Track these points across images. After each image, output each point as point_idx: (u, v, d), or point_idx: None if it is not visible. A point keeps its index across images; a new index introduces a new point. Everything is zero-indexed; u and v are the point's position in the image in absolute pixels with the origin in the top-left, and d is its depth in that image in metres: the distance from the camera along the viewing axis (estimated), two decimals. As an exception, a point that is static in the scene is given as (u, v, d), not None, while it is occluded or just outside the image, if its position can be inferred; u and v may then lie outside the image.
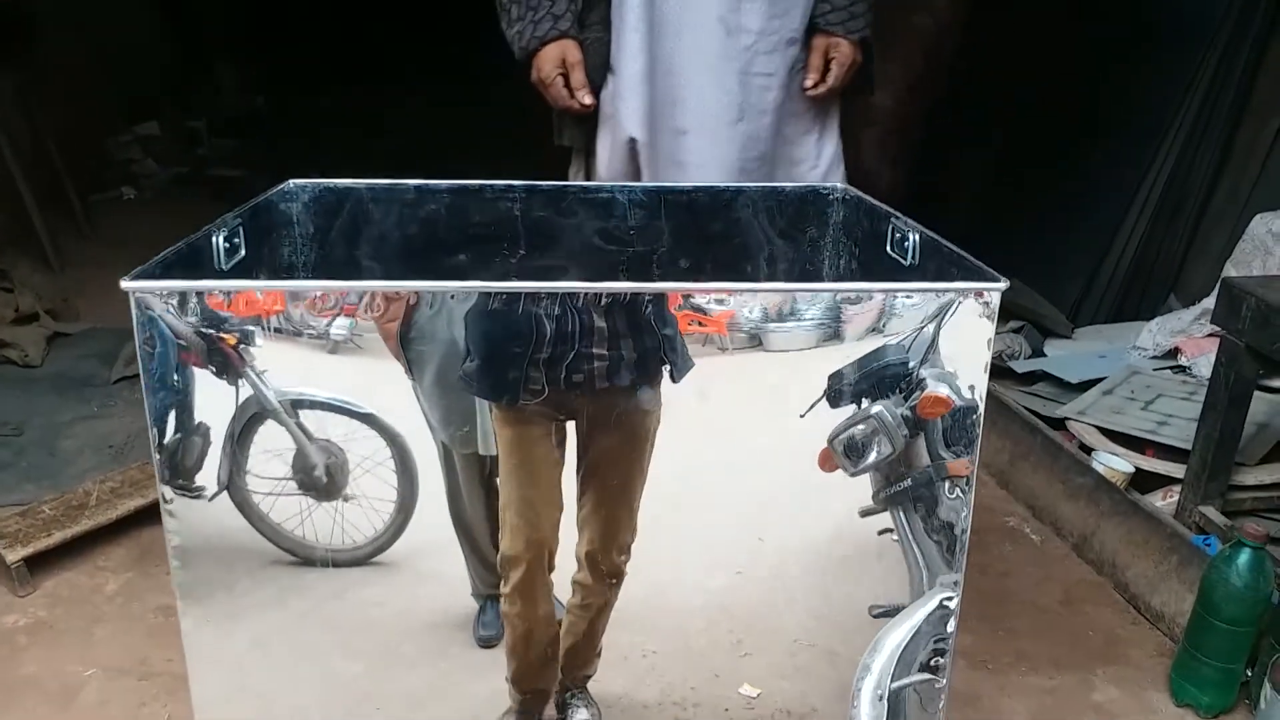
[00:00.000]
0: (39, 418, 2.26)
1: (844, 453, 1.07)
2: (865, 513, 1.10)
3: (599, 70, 1.67)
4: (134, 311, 0.89)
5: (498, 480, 0.99)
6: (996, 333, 2.09)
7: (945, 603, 1.10)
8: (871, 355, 0.96)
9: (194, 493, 0.96)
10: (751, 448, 1.01)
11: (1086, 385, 2.30)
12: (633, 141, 1.66)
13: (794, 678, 1.13)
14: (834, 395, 1.01)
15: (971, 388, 0.96)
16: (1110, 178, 2.71)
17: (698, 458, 1.00)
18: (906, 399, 1.00)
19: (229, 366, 0.92)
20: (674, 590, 1.06)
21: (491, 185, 1.36)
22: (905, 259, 1.13)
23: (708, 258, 1.42)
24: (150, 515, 1.79)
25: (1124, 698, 1.51)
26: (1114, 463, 1.87)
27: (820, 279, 1.40)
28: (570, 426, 0.98)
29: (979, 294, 0.91)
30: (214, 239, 1.06)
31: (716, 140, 1.65)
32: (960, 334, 0.94)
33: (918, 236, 1.12)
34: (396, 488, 0.98)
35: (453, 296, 0.90)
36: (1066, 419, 2.13)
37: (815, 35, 1.65)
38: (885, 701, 1.14)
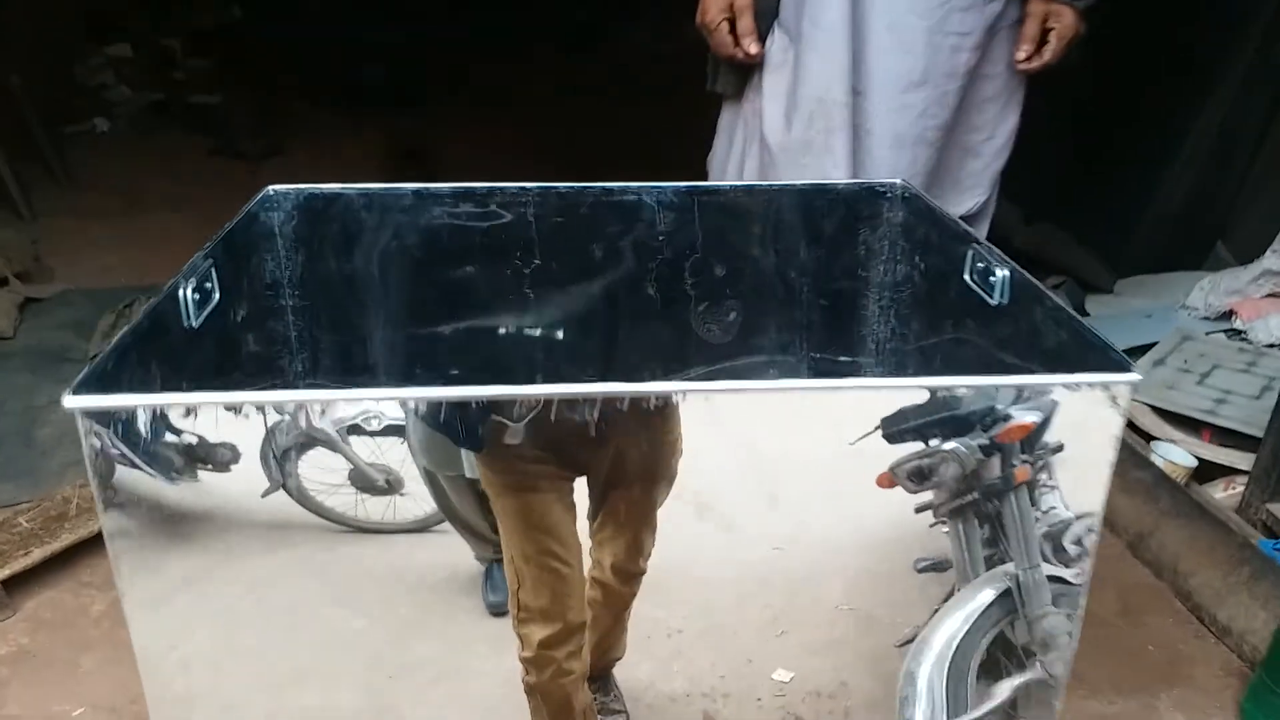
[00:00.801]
0: (14, 400, 2.11)
1: (907, 478, 0.94)
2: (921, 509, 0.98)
3: (766, 17, 1.49)
4: (80, 430, 0.72)
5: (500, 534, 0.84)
6: None
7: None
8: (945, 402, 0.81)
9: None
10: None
11: (1133, 352, 2.15)
12: (820, 102, 1.46)
13: (826, 652, 1.03)
14: (894, 435, 0.87)
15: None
16: (1158, 121, 2.51)
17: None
18: (987, 430, 0.85)
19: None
20: (701, 566, 0.92)
21: (501, 188, 1.19)
22: (991, 297, 0.97)
23: (746, 265, 1.25)
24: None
25: (1191, 727, 1.41)
26: (1174, 455, 1.73)
27: (873, 293, 1.24)
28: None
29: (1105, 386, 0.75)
30: (181, 292, 0.89)
31: (892, 107, 1.46)
32: (1076, 427, 0.78)
33: (1008, 274, 0.95)
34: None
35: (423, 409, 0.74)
36: (1116, 395, 1.99)
37: None
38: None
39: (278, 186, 1.16)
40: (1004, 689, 0.97)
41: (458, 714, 0.91)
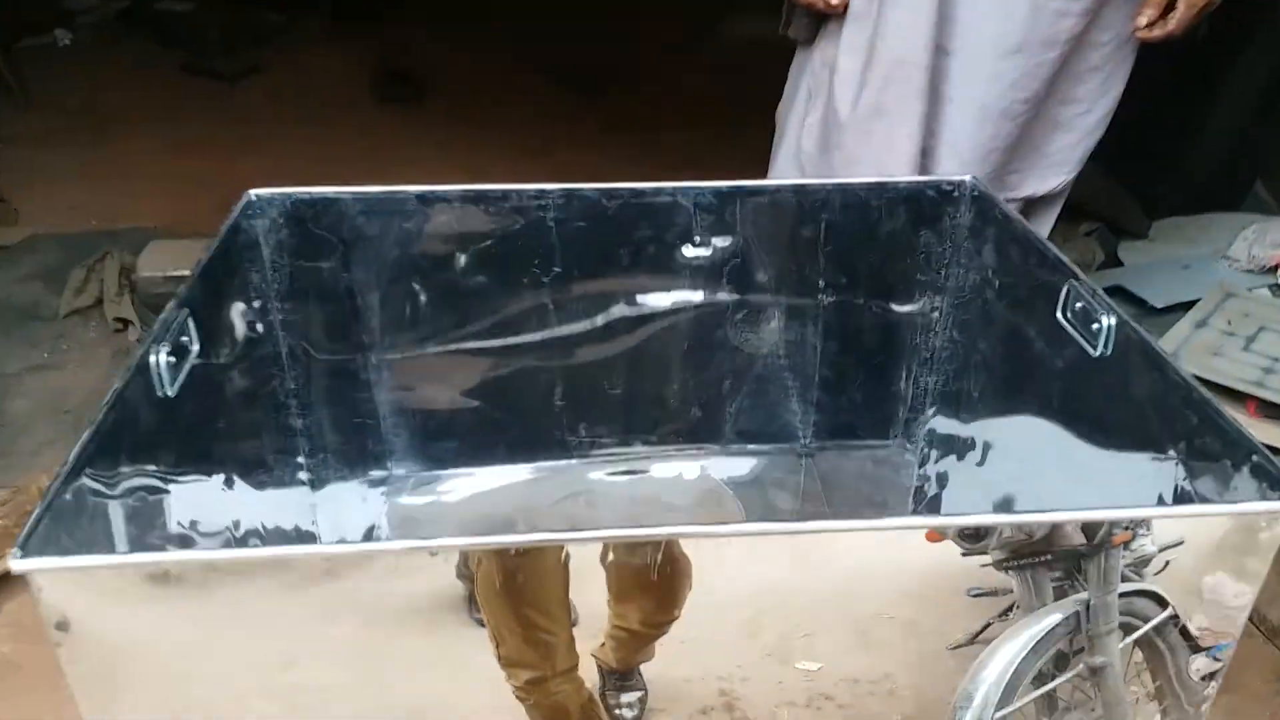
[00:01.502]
0: (-19, 366, 1.97)
1: (960, 535, 0.84)
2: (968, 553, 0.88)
3: None
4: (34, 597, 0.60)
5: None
6: (1064, 239, 1.78)
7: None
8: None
9: None
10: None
11: (1171, 310, 2.03)
12: (899, 64, 1.29)
13: (860, 651, 0.96)
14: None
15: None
16: (1201, 57, 2.33)
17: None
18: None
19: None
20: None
21: (518, 190, 1.04)
22: (1093, 347, 0.84)
23: (791, 269, 1.12)
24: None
25: (1240, 740, 1.35)
26: (1225, 439, 1.63)
27: (936, 303, 1.11)
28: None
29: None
30: (153, 359, 0.76)
31: (981, 74, 1.29)
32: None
33: (1113, 322, 0.82)
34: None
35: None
36: (1157, 363, 1.87)
37: None
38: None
39: (261, 191, 1.01)
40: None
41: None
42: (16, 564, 0.56)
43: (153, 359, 0.76)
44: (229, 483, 0.92)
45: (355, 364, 1.10)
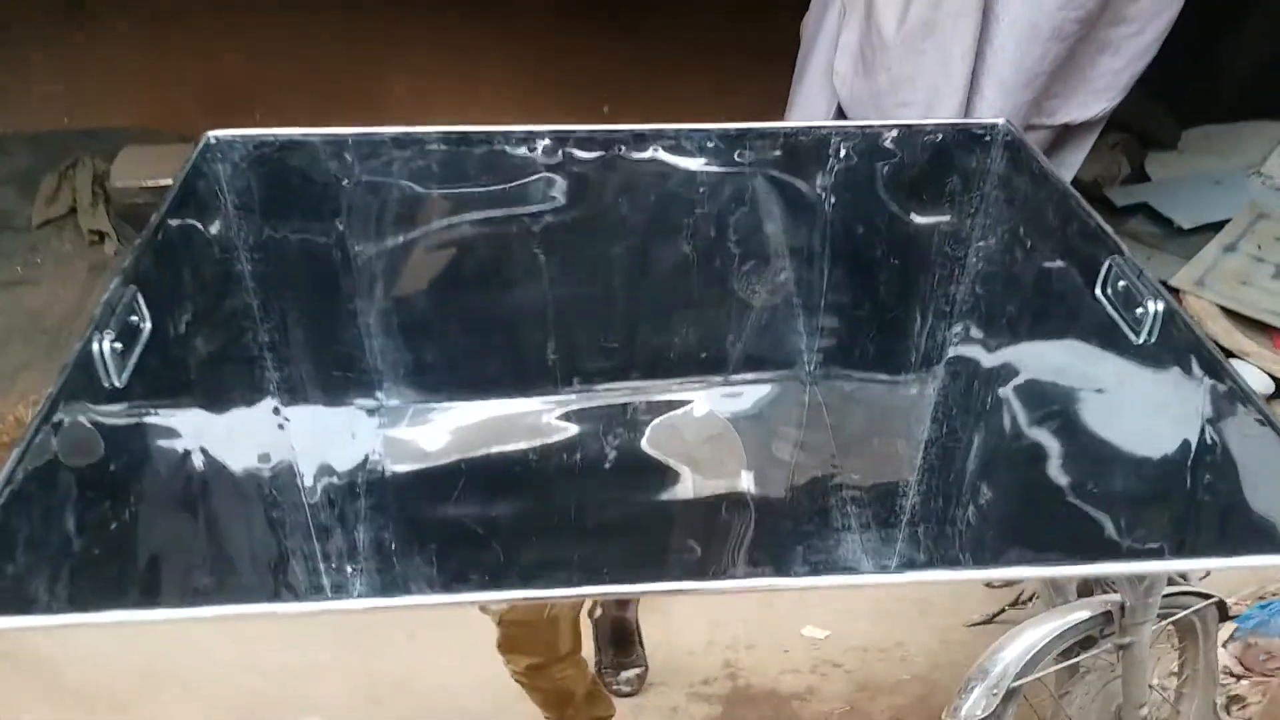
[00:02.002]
0: (-47, 280, 1.89)
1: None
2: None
3: None
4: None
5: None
6: (1091, 152, 1.68)
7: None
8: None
9: None
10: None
11: (1199, 230, 1.93)
12: None
13: (876, 619, 0.94)
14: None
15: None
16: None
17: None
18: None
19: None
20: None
21: (503, 132, 0.95)
22: (1135, 333, 0.76)
23: (802, 221, 1.03)
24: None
25: None
26: (1248, 379, 1.56)
27: (959, 253, 1.02)
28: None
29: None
30: (96, 347, 0.68)
31: None
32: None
33: (1160, 309, 0.74)
34: None
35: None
36: (1182, 291, 1.79)
37: None
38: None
39: (220, 133, 0.92)
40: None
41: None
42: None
43: (95, 348, 0.68)
44: (204, 451, 0.85)
45: (337, 310, 1.02)
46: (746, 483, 1.23)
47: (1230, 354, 1.64)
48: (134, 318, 0.73)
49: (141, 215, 1.87)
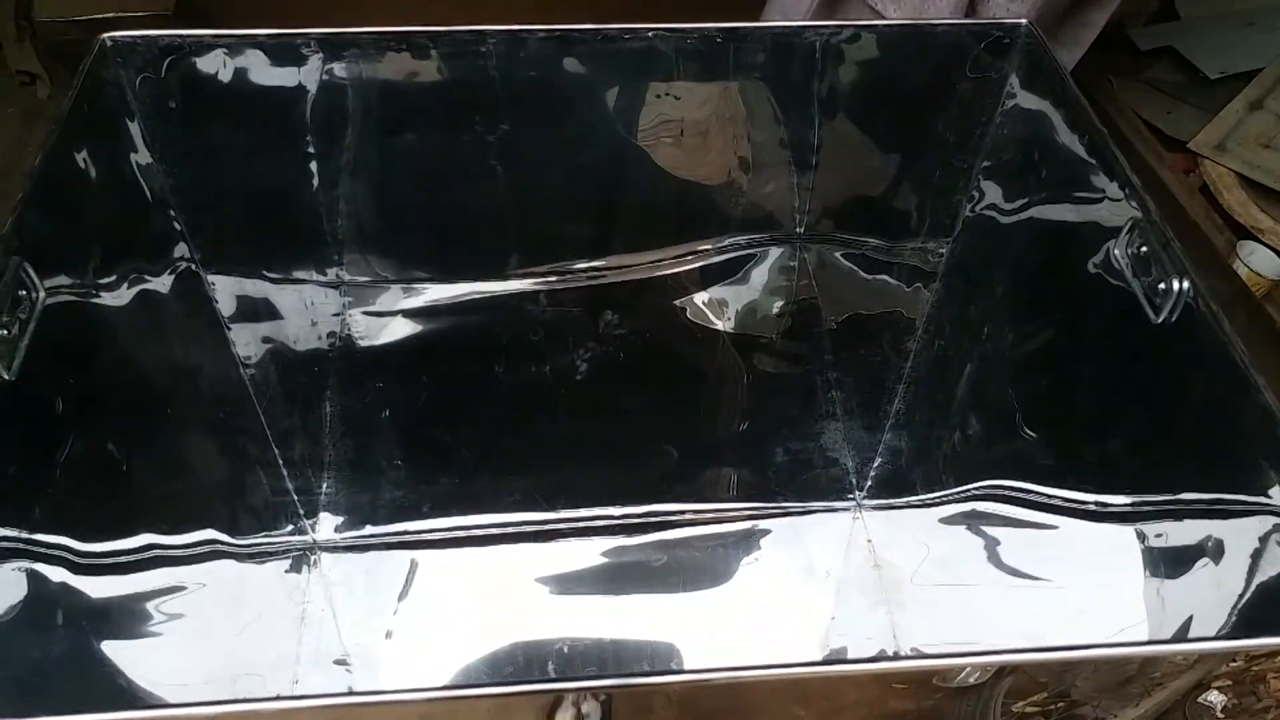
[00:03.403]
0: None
1: None
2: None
3: None
4: None
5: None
6: None
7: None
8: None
9: None
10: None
11: (1228, 81, 1.78)
12: None
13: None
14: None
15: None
16: None
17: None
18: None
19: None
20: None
21: (447, 33, 0.82)
22: (1154, 310, 0.68)
23: (792, 137, 0.92)
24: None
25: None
26: (1259, 261, 1.47)
27: (967, 163, 0.92)
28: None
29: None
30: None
31: None
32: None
33: (1185, 288, 0.66)
34: None
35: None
36: (1199, 155, 1.67)
37: None
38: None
39: (117, 35, 0.79)
40: None
41: None
42: None
43: (-26, 343, 0.60)
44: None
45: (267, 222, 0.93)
46: (730, 355, 1.17)
47: (1246, 233, 1.54)
48: (22, 291, 0.64)
49: (75, 54, 1.71)
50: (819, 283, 1.08)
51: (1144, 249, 0.68)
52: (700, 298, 1.10)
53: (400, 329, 1.07)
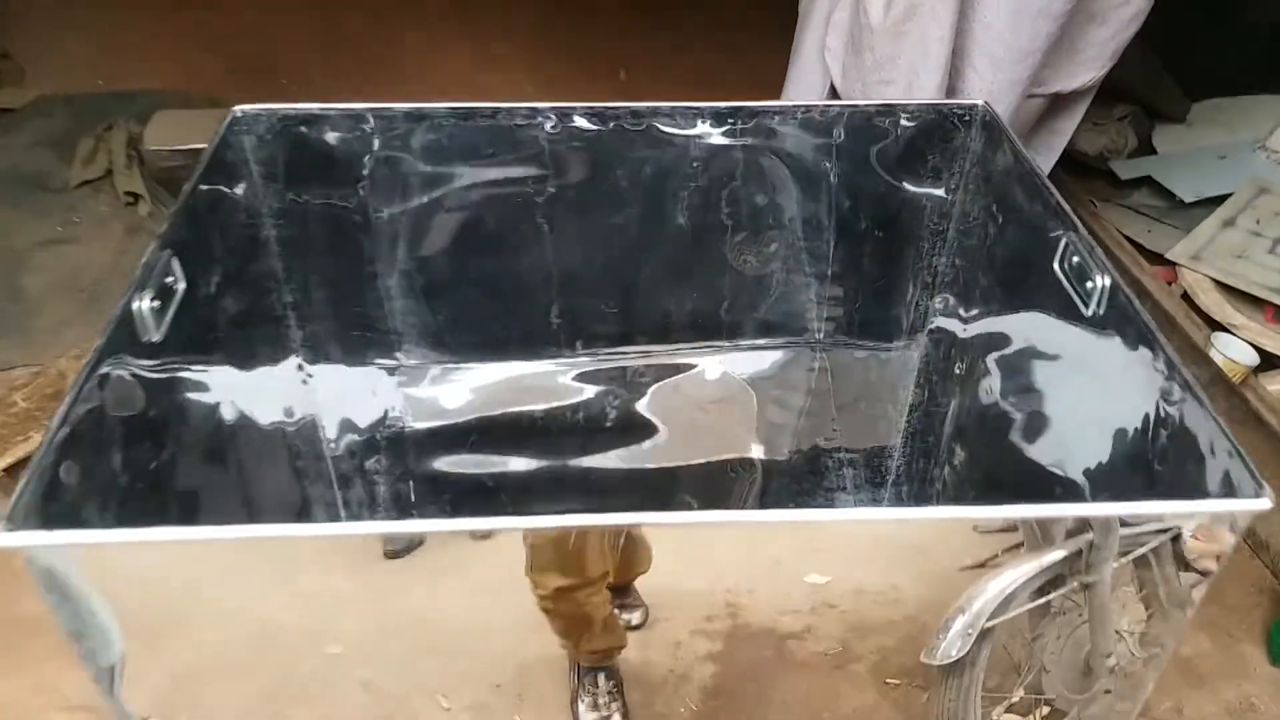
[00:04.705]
0: (-4, 238, 1.99)
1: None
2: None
3: None
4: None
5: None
6: (1096, 123, 1.69)
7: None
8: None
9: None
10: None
11: (1201, 205, 1.97)
12: None
13: (870, 562, 1.01)
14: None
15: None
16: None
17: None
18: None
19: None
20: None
21: (508, 108, 1.01)
22: (1085, 305, 0.83)
23: (790, 196, 1.09)
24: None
25: (1215, 651, 1.39)
26: (1234, 351, 1.61)
27: (941, 226, 1.08)
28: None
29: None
30: (136, 305, 0.76)
31: None
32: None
33: (1107, 283, 0.80)
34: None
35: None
36: (1177, 264, 1.84)
37: None
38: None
39: (247, 107, 0.99)
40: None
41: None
42: (4, 539, 0.58)
43: (136, 306, 0.76)
44: (233, 404, 0.94)
45: (359, 273, 1.10)
46: (748, 444, 1.30)
47: (1220, 326, 1.69)
48: (170, 279, 0.81)
49: (173, 178, 1.97)
50: (831, 373, 1.24)
51: (1076, 259, 0.83)
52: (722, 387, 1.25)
53: (449, 399, 1.23)
